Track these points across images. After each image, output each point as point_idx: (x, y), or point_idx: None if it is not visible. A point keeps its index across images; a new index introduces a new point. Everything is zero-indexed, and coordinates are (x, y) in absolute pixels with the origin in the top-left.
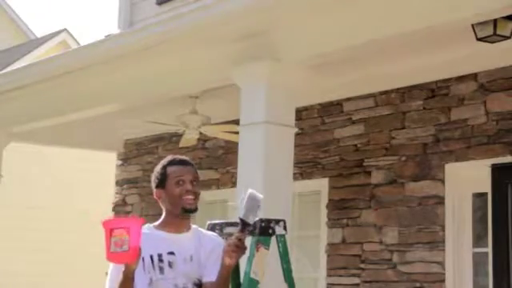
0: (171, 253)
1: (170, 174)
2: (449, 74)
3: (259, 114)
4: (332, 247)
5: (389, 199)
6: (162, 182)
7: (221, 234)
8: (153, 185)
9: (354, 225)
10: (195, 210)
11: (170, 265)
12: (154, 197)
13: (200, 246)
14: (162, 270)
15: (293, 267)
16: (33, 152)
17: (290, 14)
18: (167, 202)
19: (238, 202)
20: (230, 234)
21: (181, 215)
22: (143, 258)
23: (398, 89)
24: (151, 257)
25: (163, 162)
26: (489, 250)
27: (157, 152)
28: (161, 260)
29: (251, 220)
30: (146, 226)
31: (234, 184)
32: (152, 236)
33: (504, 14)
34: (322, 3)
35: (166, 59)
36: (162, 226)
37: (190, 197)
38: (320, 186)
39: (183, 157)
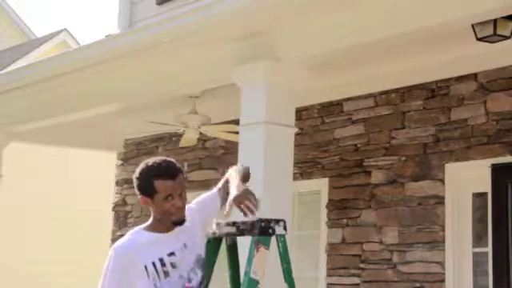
0: (172, 253)
1: (158, 189)
2: (449, 73)
3: (259, 114)
4: (332, 247)
5: (389, 199)
6: (149, 194)
7: (221, 234)
8: (137, 191)
9: (354, 225)
10: (185, 220)
11: (173, 265)
12: (140, 202)
13: (188, 225)
14: (166, 273)
15: (293, 267)
16: (33, 152)
17: (290, 14)
18: (156, 211)
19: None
20: (229, 234)
21: (171, 225)
22: (146, 267)
23: (397, 89)
24: (153, 264)
25: (148, 171)
26: (489, 249)
27: (157, 152)
28: (163, 264)
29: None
30: (137, 230)
31: None
32: (148, 242)
33: (504, 14)
34: (322, 3)
35: (166, 59)
36: (153, 228)
37: (180, 212)
38: (320, 185)
39: (169, 162)
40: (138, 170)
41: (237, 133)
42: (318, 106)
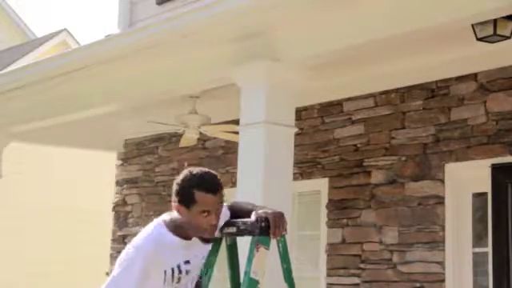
0: (187, 261)
1: (198, 201)
2: (449, 73)
3: (259, 114)
4: (332, 247)
5: (389, 199)
6: (186, 203)
7: (221, 233)
8: (174, 197)
9: (353, 225)
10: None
11: (187, 273)
12: (173, 208)
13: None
14: (179, 279)
15: (293, 267)
16: (33, 152)
17: (290, 14)
18: (187, 220)
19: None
20: (230, 234)
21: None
22: (165, 271)
23: (397, 89)
24: (172, 270)
25: (191, 179)
26: (489, 249)
27: (157, 152)
28: (180, 271)
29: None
30: (161, 227)
31: (234, 184)
32: (171, 246)
33: (504, 14)
34: (322, 3)
35: (166, 59)
36: (176, 231)
37: (212, 230)
38: (320, 185)
39: (213, 176)
40: (181, 176)
41: (237, 133)
42: (318, 106)
